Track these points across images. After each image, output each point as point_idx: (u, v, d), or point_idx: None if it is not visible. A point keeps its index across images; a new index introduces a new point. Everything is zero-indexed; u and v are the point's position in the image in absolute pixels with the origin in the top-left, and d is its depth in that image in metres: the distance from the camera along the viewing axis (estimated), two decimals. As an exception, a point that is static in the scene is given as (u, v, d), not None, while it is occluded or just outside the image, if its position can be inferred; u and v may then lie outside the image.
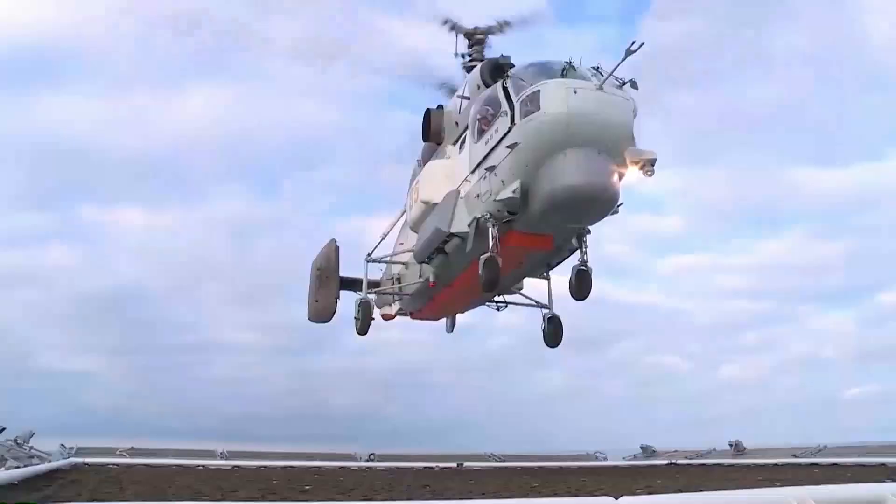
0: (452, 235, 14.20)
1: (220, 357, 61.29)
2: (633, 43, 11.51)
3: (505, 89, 13.26)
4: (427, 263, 15.73)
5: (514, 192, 12.46)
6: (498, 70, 14.51)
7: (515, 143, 12.45)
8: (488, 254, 13.10)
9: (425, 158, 17.14)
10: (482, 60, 16.65)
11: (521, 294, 16.82)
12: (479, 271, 13.11)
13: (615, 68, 12.15)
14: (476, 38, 16.97)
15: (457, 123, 15.80)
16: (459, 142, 15.33)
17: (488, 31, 16.78)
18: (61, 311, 56.13)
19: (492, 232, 13.15)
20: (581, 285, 13.89)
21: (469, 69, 16.84)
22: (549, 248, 14.39)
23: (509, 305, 17.00)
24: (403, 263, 17.69)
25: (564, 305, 15.46)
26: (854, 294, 64.90)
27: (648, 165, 12.14)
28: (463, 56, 17.16)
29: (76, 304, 57.12)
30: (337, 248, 18.70)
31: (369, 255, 18.76)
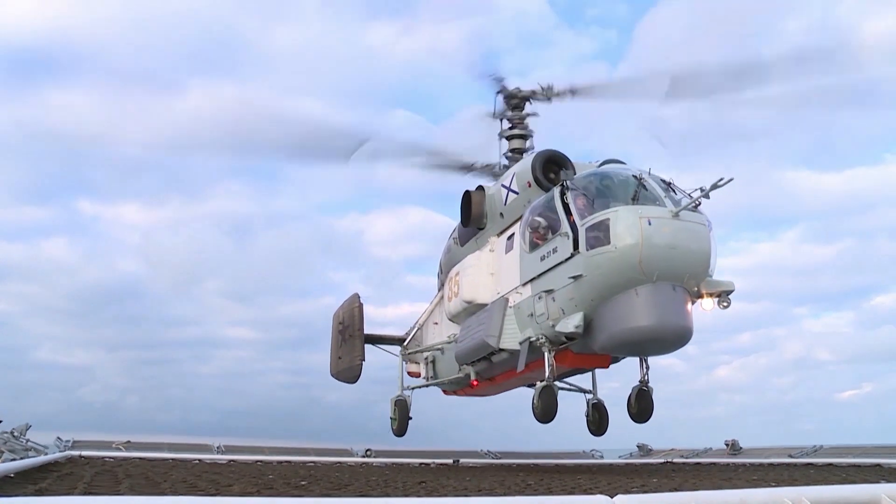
0: (501, 350, 13.33)
1: (217, 352, 61.47)
2: (721, 179, 10.57)
3: (565, 205, 11.98)
4: (469, 365, 14.93)
5: (576, 327, 11.40)
6: (551, 166, 13.31)
7: (580, 275, 11.31)
8: (544, 382, 12.18)
9: (462, 238, 16.04)
10: (523, 131, 15.73)
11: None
12: (534, 400, 12.23)
13: (695, 200, 11.05)
14: (516, 102, 15.74)
15: (501, 215, 14.55)
16: (505, 235, 14.26)
17: (532, 95, 15.59)
18: (59, 305, 56.25)
19: (548, 358, 12.20)
20: (642, 408, 12.91)
21: (508, 138, 15.84)
22: (607, 367, 13.64)
23: None
24: (440, 349, 16.83)
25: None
26: (849, 296, 65.28)
27: (725, 296, 11.32)
28: (501, 120, 15.95)
29: (74, 299, 57.21)
30: (361, 305, 17.91)
31: (404, 346, 18.00)
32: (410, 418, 17.23)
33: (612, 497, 5.42)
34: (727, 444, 20.24)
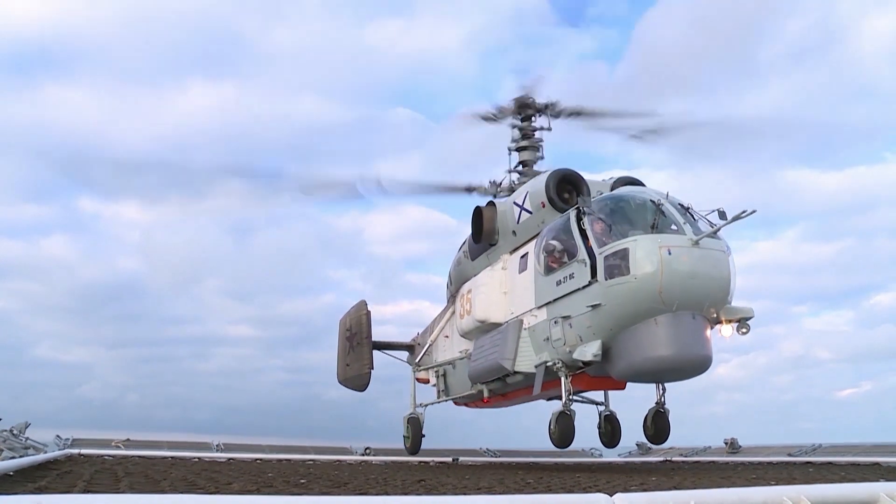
0: (516, 372, 13.35)
1: (216, 350, 61.50)
2: (744, 211, 10.58)
3: (582, 230, 11.87)
4: (482, 383, 14.89)
5: (594, 355, 11.30)
6: (565, 185, 13.23)
7: (598, 304, 11.24)
8: (561, 409, 12.15)
9: (473, 253, 15.98)
10: (532, 144, 15.79)
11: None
12: (551, 426, 12.26)
13: (716, 229, 10.99)
14: (528, 113, 15.76)
15: (514, 233, 14.44)
16: (518, 254, 14.15)
17: (544, 109, 15.63)
18: (59, 303, 56.26)
19: (565, 384, 12.13)
20: (658, 429, 12.93)
21: (518, 150, 15.91)
22: (623, 388, 13.56)
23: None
24: (450, 363, 16.75)
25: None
26: (849, 295, 65.33)
27: (744, 322, 11.24)
28: (512, 127, 16.01)
29: (74, 296, 57.21)
30: (368, 312, 17.94)
31: (416, 362, 17.94)
32: (424, 436, 17.16)
33: (611, 495, 5.42)
34: (726, 443, 20.25)
